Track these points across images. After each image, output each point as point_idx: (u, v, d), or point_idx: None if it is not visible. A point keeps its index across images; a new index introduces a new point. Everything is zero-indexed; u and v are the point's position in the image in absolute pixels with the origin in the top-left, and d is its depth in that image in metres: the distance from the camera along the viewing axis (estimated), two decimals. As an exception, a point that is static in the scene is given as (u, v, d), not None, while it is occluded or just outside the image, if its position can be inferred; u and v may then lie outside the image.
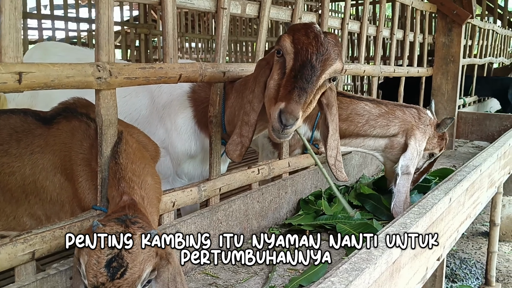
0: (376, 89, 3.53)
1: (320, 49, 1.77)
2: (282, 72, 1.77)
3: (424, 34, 4.43)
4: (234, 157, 1.95)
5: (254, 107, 1.88)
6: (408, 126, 2.62)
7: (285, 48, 1.77)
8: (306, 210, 2.56)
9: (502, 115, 4.51)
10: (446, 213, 2.22)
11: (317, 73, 1.75)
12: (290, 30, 1.83)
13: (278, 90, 1.74)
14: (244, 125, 1.90)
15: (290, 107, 1.64)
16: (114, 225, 1.25)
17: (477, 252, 7.74)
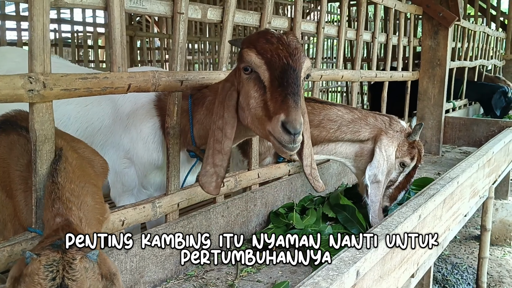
0: (356, 95, 3.41)
1: (290, 50, 1.68)
2: (260, 87, 1.66)
3: (410, 37, 4.31)
4: (211, 189, 1.79)
5: (227, 133, 1.76)
6: (377, 132, 2.51)
7: (254, 63, 1.66)
8: (276, 224, 2.45)
9: (489, 121, 4.40)
10: (420, 228, 2.10)
11: (298, 73, 1.66)
12: (247, 44, 1.71)
13: (266, 105, 1.62)
14: (217, 154, 1.77)
15: (291, 115, 1.54)
16: (50, 253, 1.12)
17: (469, 257, 7.63)
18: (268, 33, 1.71)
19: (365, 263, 1.41)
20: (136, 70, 1.89)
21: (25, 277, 1.09)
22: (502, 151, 3.86)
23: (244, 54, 1.66)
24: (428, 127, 4.48)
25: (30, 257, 1.10)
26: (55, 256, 1.12)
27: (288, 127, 1.53)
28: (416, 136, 2.55)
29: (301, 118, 1.56)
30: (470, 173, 2.62)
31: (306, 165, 1.95)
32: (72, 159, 1.54)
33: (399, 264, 1.93)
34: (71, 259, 1.12)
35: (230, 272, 2.03)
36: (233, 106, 1.73)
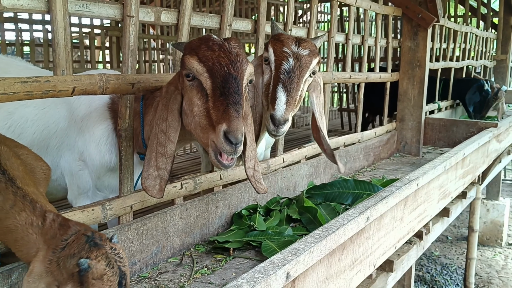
0: (329, 97, 3.41)
1: (231, 58, 1.72)
2: (203, 95, 1.69)
3: (388, 38, 4.31)
4: (155, 193, 1.80)
5: (171, 137, 1.77)
6: None
7: (196, 70, 1.69)
8: (239, 225, 2.45)
9: (468, 122, 4.39)
10: (375, 230, 2.11)
11: (240, 82, 1.70)
12: (189, 50, 1.73)
13: (208, 114, 1.66)
14: (160, 157, 1.78)
15: (233, 125, 1.59)
16: (98, 252, 1.21)
17: (459, 258, 7.62)
18: (209, 40, 1.73)
19: (297, 266, 1.41)
20: (90, 73, 1.90)
21: (92, 281, 1.17)
22: (480, 152, 3.85)
23: (186, 60, 1.68)
24: (408, 128, 4.47)
25: (86, 263, 1.17)
26: (103, 253, 1.21)
27: (230, 137, 1.57)
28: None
29: (242, 128, 1.60)
30: (434, 175, 2.61)
31: (249, 167, 1.96)
32: (14, 162, 1.54)
33: (351, 266, 1.93)
34: (115, 250, 1.23)
35: (184, 274, 2.04)
36: (177, 109, 1.75)
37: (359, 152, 3.90)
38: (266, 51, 2.23)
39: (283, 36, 2.25)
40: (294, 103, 2.11)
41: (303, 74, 2.18)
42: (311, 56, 2.21)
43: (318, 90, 2.41)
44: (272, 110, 2.06)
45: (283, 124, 2.05)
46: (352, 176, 3.76)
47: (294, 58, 2.16)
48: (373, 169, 4.00)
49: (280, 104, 2.04)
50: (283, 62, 2.14)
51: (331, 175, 3.54)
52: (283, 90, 2.08)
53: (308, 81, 2.27)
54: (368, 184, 2.88)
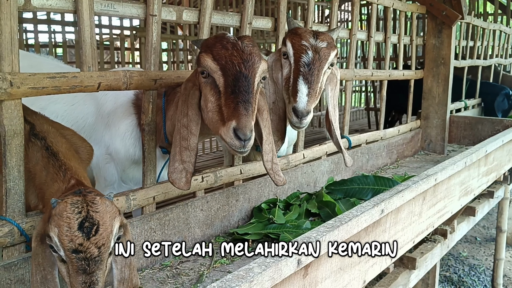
0: (351, 94, 3.44)
1: (243, 56, 1.77)
2: (216, 91, 1.77)
3: (412, 36, 4.30)
4: (182, 185, 1.88)
5: (192, 130, 1.85)
6: None
7: (210, 68, 1.76)
8: (259, 219, 2.51)
9: (494, 120, 4.33)
10: (391, 224, 2.13)
11: (251, 80, 1.76)
12: (205, 48, 1.80)
13: (221, 110, 1.74)
14: (184, 151, 1.86)
15: (242, 122, 1.65)
16: (73, 196, 1.34)
17: (488, 259, 7.48)
18: (224, 38, 1.80)
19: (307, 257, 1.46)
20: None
21: (53, 216, 1.29)
22: (505, 150, 3.80)
23: (201, 58, 1.75)
24: (433, 126, 4.44)
25: (56, 201, 1.31)
26: (78, 198, 1.33)
27: (238, 133, 1.65)
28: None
29: (251, 124, 1.67)
30: (454, 171, 2.61)
31: (267, 160, 2.01)
32: (59, 141, 1.68)
33: (366, 258, 1.97)
34: (93, 198, 1.34)
35: (204, 263, 2.11)
36: (196, 104, 1.82)
37: (382, 149, 3.90)
38: (284, 45, 2.28)
39: (300, 29, 2.28)
40: (315, 94, 2.16)
41: (322, 66, 2.21)
42: (329, 48, 2.25)
43: (334, 82, 2.44)
44: (294, 103, 2.11)
45: (306, 115, 2.10)
46: (374, 173, 3.77)
47: (312, 50, 2.20)
48: (396, 166, 4.00)
49: (302, 96, 2.09)
50: (302, 55, 2.18)
51: (353, 171, 3.56)
52: (304, 82, 2.13)
53: (327, 72, 2.30)
54: (388, 180, 2.90)
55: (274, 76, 2.37)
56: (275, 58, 2.37)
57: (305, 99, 2.10)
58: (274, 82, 2.37)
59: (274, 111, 2.35)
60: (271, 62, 2.39)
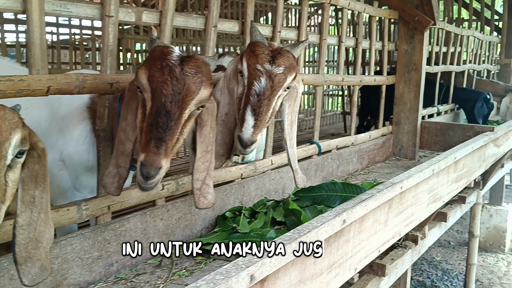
0: (321, 100, 3.39)
1: (175, 87, 1.65)
2: (143, 112, 1.68)
3: (384, 41, 4.29)
4: (112, 190, 1.80)
5: (129, 136, 1.77)
6: None
7: (143, 86, 1.66)
8: (222, 227, 2.44)
9: (465, 126, 4.35)
10: (355, 233, 2.08)
11: (175, 116, 1.64)
12: (148, 60, 1.70)
13: (141, 133, 1.65)
14: (120, 155, 1.78)
15: (149, 160, 1.57)
16: None
17: (461, 263, 7.54)
18: (166, 57, 1.68)
19: (262, 268, 1.39)
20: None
21: None
22: (475, 157, 3.81)
23: (139, 72, 1.66)
24: (404, 131, 4.44)
25: None
26: None
27: (142, 169, 1.56)
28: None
29: (160, 164, 1.57)
30: (421, 178, 2.58)
31: (197, 179, 1.90)
32: None
33: (328, 269, 1.91)
34: None
35: (162, 276, 2.03)
36: (135, 108, 1.73)
37: (353, 155, 3.87)
38: (241, 62, 2.15)
39: (258, 48, 2.14)
40: (262, 125, 2.09)
41: (275, 94, 2.11)
42: (286, 73, 2.12)
43: (294, 97, 2.34)
44: (240, 132, 2.05)
45: (250, 145, 2.06)
46: (344, 179, 3.74)
47: (267, 77, 2.07)
48: (366, 172, 3.98)
49: (247, 127, 2.03)
50: (255, 82, 2.06)
51: (323, 177, 3.52)
52: (251, 113, 2.04)
53: (282, 96, 2.20)
54: (356, 187, 2.87)
55: (231, 87, 2.27)
56: (234, 68, 2.28)
57: (250, 130, 2.03)
58: (230, 93, 2.27)
59: (226, 123, 2.27)
60: (231, 70, 2.29)
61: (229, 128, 2.30)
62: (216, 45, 2.58)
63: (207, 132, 1.94)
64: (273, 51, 2.18)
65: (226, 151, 2.32)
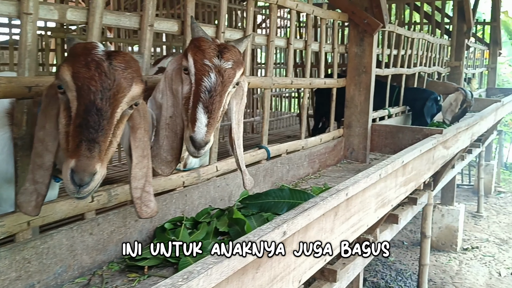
0: (269, 103, 3.30)
1: (105, 83, 1.51)
2: (68, 115, 1.51)
3: (334, 43, 4.25)
4: (30, 210, 1.62)
5: (48, 147, 1.59)
6: None
7: (66, 84, 1.50)
8: (161, 240, 2.29)
9: (414, 128, 4.37)
10: (294, 245, 1.99)
11: (107, 114, 1.51)
12: (70, 56, 1.55)
13: (68, 139, 1.49)
14: (38, 169, 1.60)
15: (80, 165, 1.42)
16: None
17: (414, 263, 7.65)
18: (91, 52, 1.54)
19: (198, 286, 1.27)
20: None
21: None
22: (424, 159, 3.82)
23: (61, 69, 1.50)
24: (355, 134, 4.42)
25: None
26: None
27: (74, 176, 1.42)
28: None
29: (94, 168, 1.43)
30: (367, 183, 2.53)
31: (136, 187, 1.77)
32: None
33: (269, 284, 1.80)
34: None
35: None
36: (55, 115, 1.57)
37: (303, 159, 3.80)
38: (185, 58, 2.04)
39: (204, 43, 2.05)
40: (215, 123, 1.99)
41: (226, 89, 2.01)
42: (235, 68, 2.04)
43: (240, 95, 2.26)
44: (192, 132, 1.92)
45: (204, 145, 1.93)
46: (295, 184, 3.66)
47: (216, 72, 1.97)
48: (317, 176, 3.91)
49: (200, 126, 1.91)
50: (204, 78, 1.96)
51: (272, 183, 3.42)
52: (203, 111, 1.93)
53: (231, 93, 2.11)
54: (304, 193, 2.78)
55: (174, 87, 2.15)
56: (176, 67, 2.16)
57: (204, 129, 1.91)
58: (174, 94, 2.16)
59: (171, 127, 2.14)
60: (172, 70, 2.17)
61: (176, 131, 2.16)
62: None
63: (141, 135, 1.81)
64: (219, 46, 2.08)
65: (174, 157, 2.19)
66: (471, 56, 10.05)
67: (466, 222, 9.27)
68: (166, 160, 2.18)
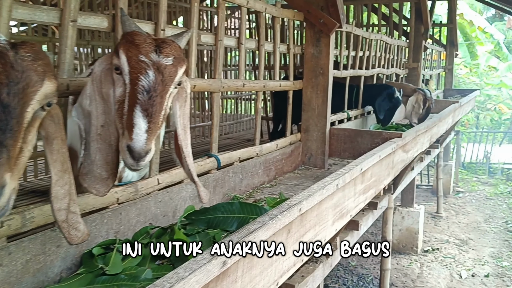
0: (218, 108, 3.03)
1: (12, 75, 1.27)
2: None
3: (289, 44, 4.03)
4: None
5: None
6: None
7: None
8: (88, 268, 1.99)
9: (373, 132, 4.21)
10: (244, 270, 1.74)
11: (15, 113, 1.27)
12: None
13: None
14: None
15: None
16: None
17: (375, 267, 7.55)
18: None
19: None
20: None
21: None
22: (383, 165, 3.65)
23: None
24: (313, 139, 4.21)
25: None
26: None
27: None
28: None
29: (2, 179, 1.20)
30: (323, 196, 2.31)
31: (59, 208, 1.50)
32: None
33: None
34: None
35: None
36: None
37: (258, 166, 3.56)
38: (116, 56, 1.77)
39: (138, 36, 1.79)
40: (157, 128, 1.73)
41: (167, 89, 1.77)
42: (176, 65, 1.80)
43: (184, 97, 2.00)
44: (130, 140, 1.64)
45: (145, 155, 1.66)
46: (249, 194, 3.41)
47: (155, 70, 1.72)
48: (273, 185, 3.68)
49: (139, 132, 1.64)
50: (141, 76, 1.70)
51: (224, 194, 3.16)
52: (142, 115, 1.67)
53: (173, 93, 1.87)
54: (255, 207, 2.53)
55: (104, 91, 1.86)
56: (105, 67, 1.88)
57: (143, 136, 1.64)
58: (104, 99, 1.87)
59: (104, 138, 1.85)
60: (100, 71, 1.89)
61: (110, 142, 1.87)
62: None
63: (58, 146, 1.55)
64: (156, 40, 1.82)
65: (111, 172, 1.89)
66: (428, 58, 10.10)
67: (426, 223, 9.29)
68: (101, 177, 1.89)
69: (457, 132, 12.52)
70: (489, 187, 12.63)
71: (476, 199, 11.41)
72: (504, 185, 12.67)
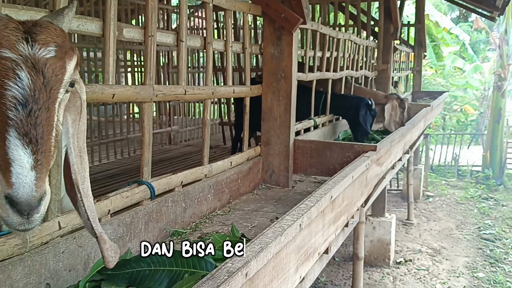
0: (150, 121, 2.38)
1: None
2: None
3: (245, 42, 3.42)
4: None
5: None
6: None
7: None
8: None
9: (344, 145, 3.64)
10: None
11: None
12: None
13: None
14: None
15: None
16: None
17: (346, 282, 7.04)
18: None
19: None
20: None
21: None
22: (356, 185, 3.10)
23: None
24: (275, 153, 3.62)
25: None
26: None
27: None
28: None
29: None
30: (282, 244, 1.71)
31: None
32: None
33: None
34: None
35: None
36: None
37: (207, 190, 2.93)
38: None
39: None
40: (49, 159, 1.18)
41: (55, 96, 1.20)
42: (63, 56, 1.21)
43: (77, 107, 1.40)
44: (9, 187, 1.08)
45: (38, 205, 1.13)
46: (195, 226, 2.78)
47: (29, 69, 1.13)
48: (227, 211, 3.06)
49: (22, 173, 1.08)
50: (8, 83, 1.11)
51: (160, 230, 2.52)
52: (21, 143, 1.10)
53: (64, 101, 1.27)
54: (193, 259, 1.90)
55: None
56: None
57: (29, 176, 1.09)
58: None
59: None
60: None
61: None
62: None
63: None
64: (23, 24, 1.20)
65: None
66: (397, 59, 9.71)
67: (398, 231, 8.86)
68: None
69: (426, 135, 12.23)
70: (458, 190, 12.40)
71: (446, 203, 11.11)
72: (474, 189, 12.46)
